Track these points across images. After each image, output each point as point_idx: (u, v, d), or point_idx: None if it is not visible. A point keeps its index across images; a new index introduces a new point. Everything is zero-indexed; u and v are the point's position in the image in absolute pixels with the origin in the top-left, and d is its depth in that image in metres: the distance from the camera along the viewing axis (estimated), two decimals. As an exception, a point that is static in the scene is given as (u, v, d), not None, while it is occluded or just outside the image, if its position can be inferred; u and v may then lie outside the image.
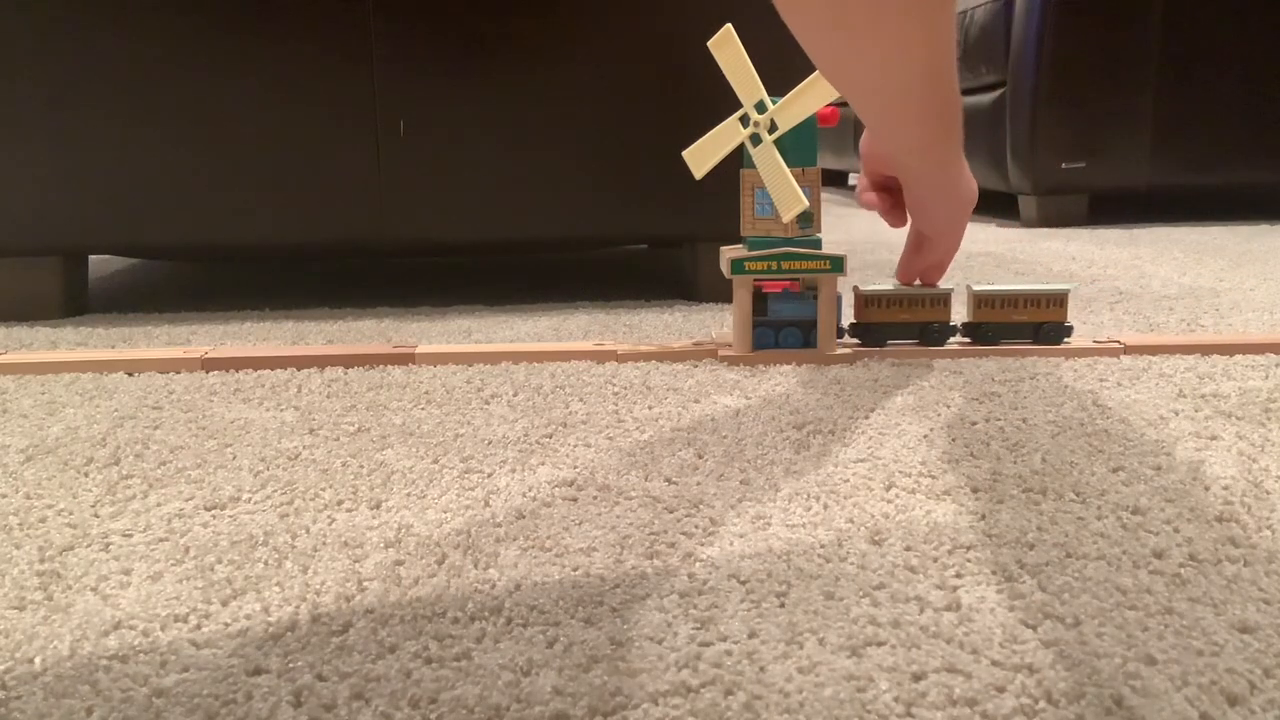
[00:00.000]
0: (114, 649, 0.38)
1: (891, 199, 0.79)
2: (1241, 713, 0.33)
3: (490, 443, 0.62)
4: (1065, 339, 0.83)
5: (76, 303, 1.11)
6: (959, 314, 0.89)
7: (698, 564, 0.45)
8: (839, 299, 0.82)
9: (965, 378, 0.76)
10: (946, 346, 0.83)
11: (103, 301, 1.19)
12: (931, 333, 0.83)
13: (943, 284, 0.84)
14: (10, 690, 0.36)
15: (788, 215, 0.75)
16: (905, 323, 0.83)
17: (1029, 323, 0.83)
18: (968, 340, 0.84)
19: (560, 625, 0.40)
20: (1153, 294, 1.12)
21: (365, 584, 0.44)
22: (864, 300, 0.83)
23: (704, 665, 0.36)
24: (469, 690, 0.35)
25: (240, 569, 0.45)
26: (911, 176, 0.71)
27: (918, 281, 0.83)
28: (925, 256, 0.81)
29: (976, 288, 0.83)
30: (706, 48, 0.74)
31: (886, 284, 0.84)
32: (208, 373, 0.81)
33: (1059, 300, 0.83)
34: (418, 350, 0.84)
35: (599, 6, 1.04)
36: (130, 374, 0.81)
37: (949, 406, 0.68)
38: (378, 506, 0.52)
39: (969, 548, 0.46)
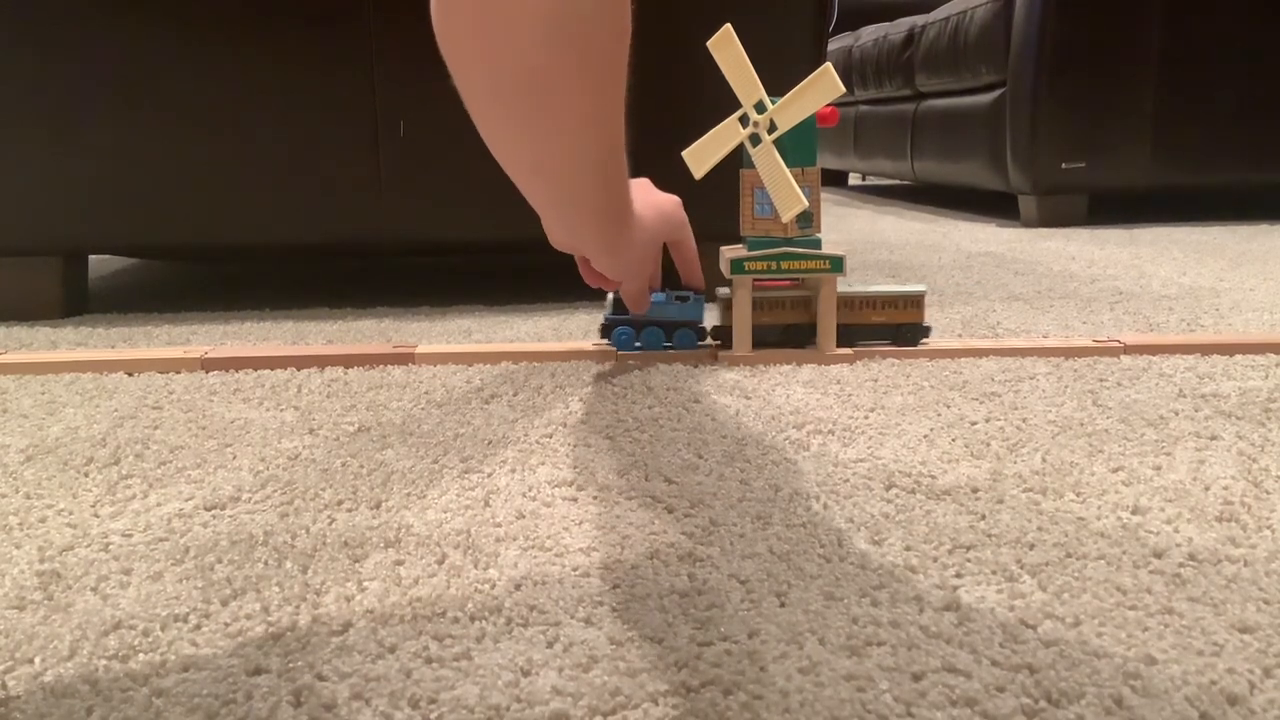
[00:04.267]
0: (114, 649, 0.38)
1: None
2: (1241, 713, 0.33)
3: (490, 443, 0.62)
4: (923, 340, 0.84)
5: (76, 303, 1.11)
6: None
7: (698, 564, 0.45)
8: (702, 298, 0.83)
9: (965, 378, 0.76)
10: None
11: (103, 301, 1.19)
12: (796, 333, 0.83)
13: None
14: (10, 690, 0.36)
15: (787, 215, 0.75)
16: (767, 325, 0.83)
17: (887, 324, 0.83)
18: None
19: (560, 625, 0.40)
20: (1153, 294, 1.12)
21: (365, 584, 0.44)
22: (726, 305, 0.83)
23: (704, 665, 0.36)
24: (469, 690, 0.35)
25: (240, 569, 0.45)
26: (596, 257, 0.70)
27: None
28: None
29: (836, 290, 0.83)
30: (706, 48, 0.74)
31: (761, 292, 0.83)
32: (208, 373, 0.81)
33: (914, 301, 0.83)
34: (418, 350, 0.84)
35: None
36: (130, 374, 0.81)
37: (949, 406, 0.68)
38: (378, 506, 0.52)
39: (969, 548, 0.46)
